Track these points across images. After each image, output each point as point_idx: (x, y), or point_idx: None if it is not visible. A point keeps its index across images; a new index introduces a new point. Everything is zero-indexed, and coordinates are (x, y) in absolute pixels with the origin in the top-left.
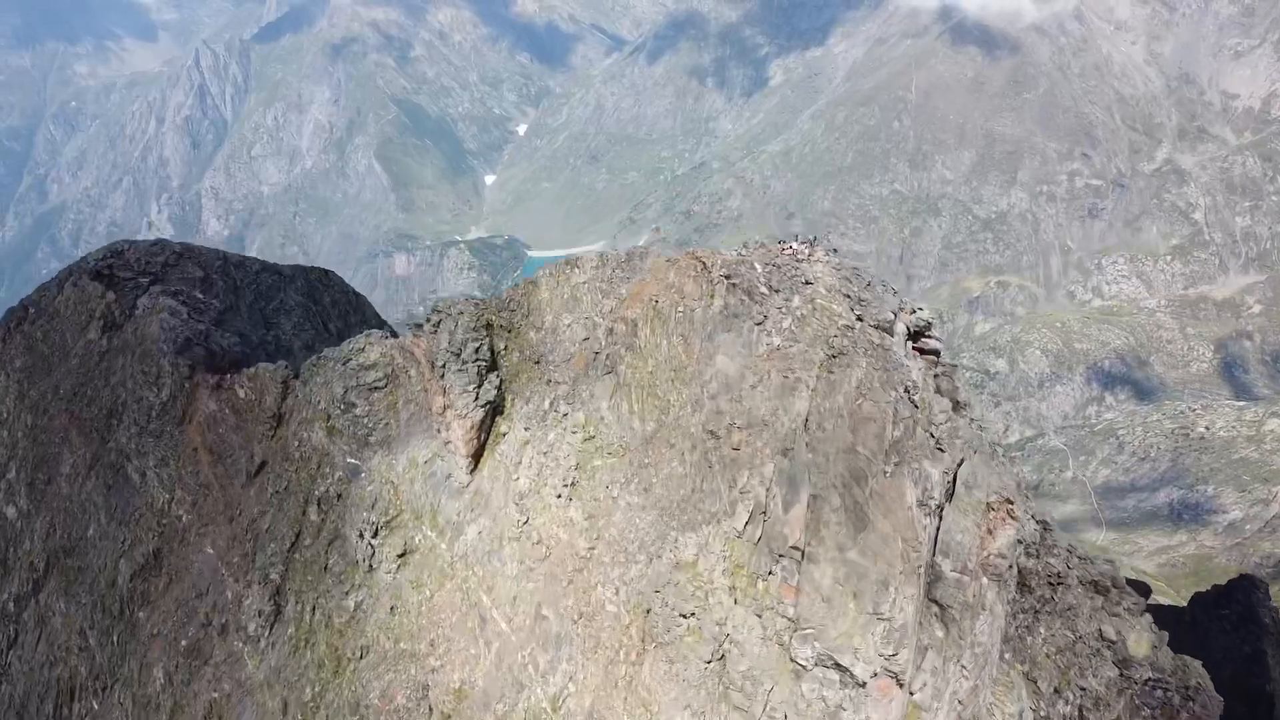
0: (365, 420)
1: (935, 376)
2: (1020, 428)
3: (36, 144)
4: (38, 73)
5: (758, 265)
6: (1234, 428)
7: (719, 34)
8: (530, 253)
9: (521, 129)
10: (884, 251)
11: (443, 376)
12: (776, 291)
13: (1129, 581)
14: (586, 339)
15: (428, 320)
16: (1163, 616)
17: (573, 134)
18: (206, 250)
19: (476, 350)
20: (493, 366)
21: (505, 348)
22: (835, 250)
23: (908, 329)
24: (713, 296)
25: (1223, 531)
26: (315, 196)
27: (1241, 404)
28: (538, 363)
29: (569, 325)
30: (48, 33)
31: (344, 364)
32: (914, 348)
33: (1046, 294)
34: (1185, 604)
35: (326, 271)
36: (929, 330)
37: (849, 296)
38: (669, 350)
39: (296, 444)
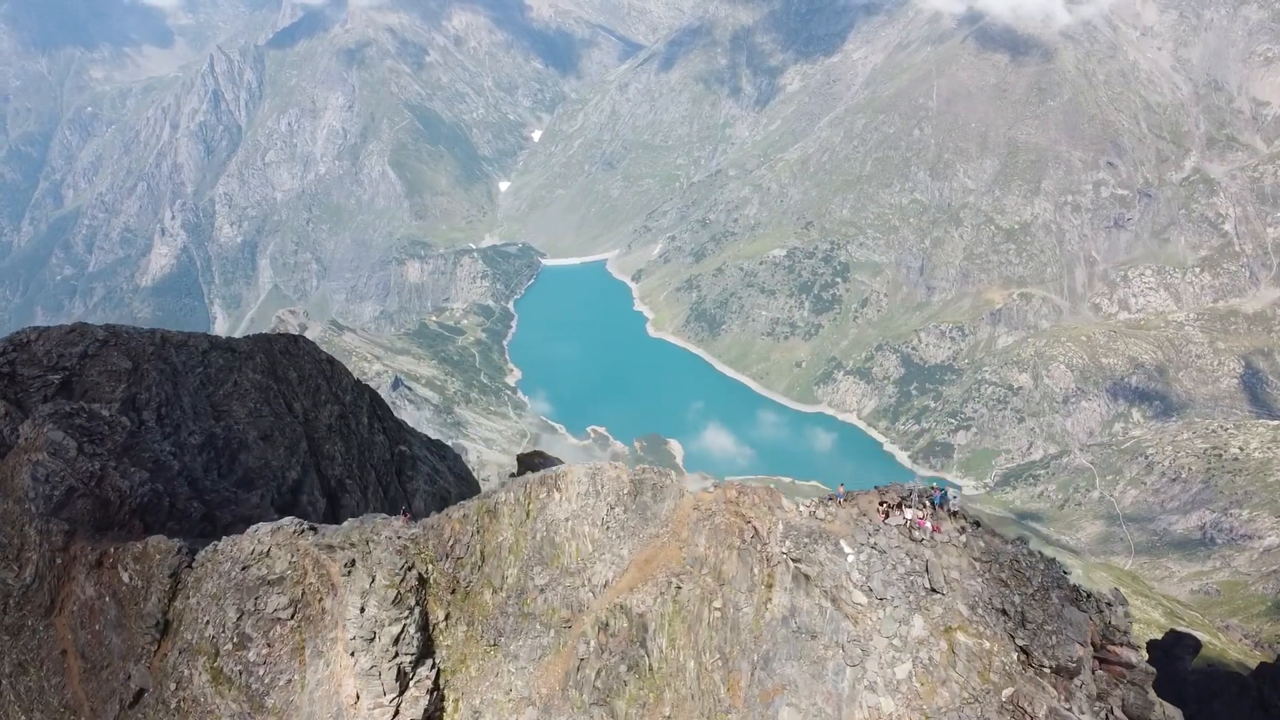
0: (260, 670)
1: (1122, 688)
2: (1044, 444)
3: (52, 149)
4: (54, 78)
5: (847, 549)
6: (1269, 448)
7: (735, 40)
8: (544, 260)
9: (536, 135)
10: (904, 262)
11: (353, 654)
12: (881, 600)
13: (1176, 633)
14: (569, 623)
15: (340, 548)
16: (1222, 685)
17: (588, 140)
18: (138, 333)
19: (398, 638)
20: (426, 650)
21: (447, 617)
22: (976, 522)
23: (1094, 643)
24: (770, 588)
25: (1259, 557)
26: (328, 203)
27: (1276, 423)
28: (494, 645)
29: (542, 591)
30: (65, 38)
31: (242, 570)
32: (1096, 656)
33: (1071, 306)
34: (1251, 673)
35: (296, 338)
36: (1125, 635)
37: (1006, 614)
38: (698, 678)
39: (175, 685)
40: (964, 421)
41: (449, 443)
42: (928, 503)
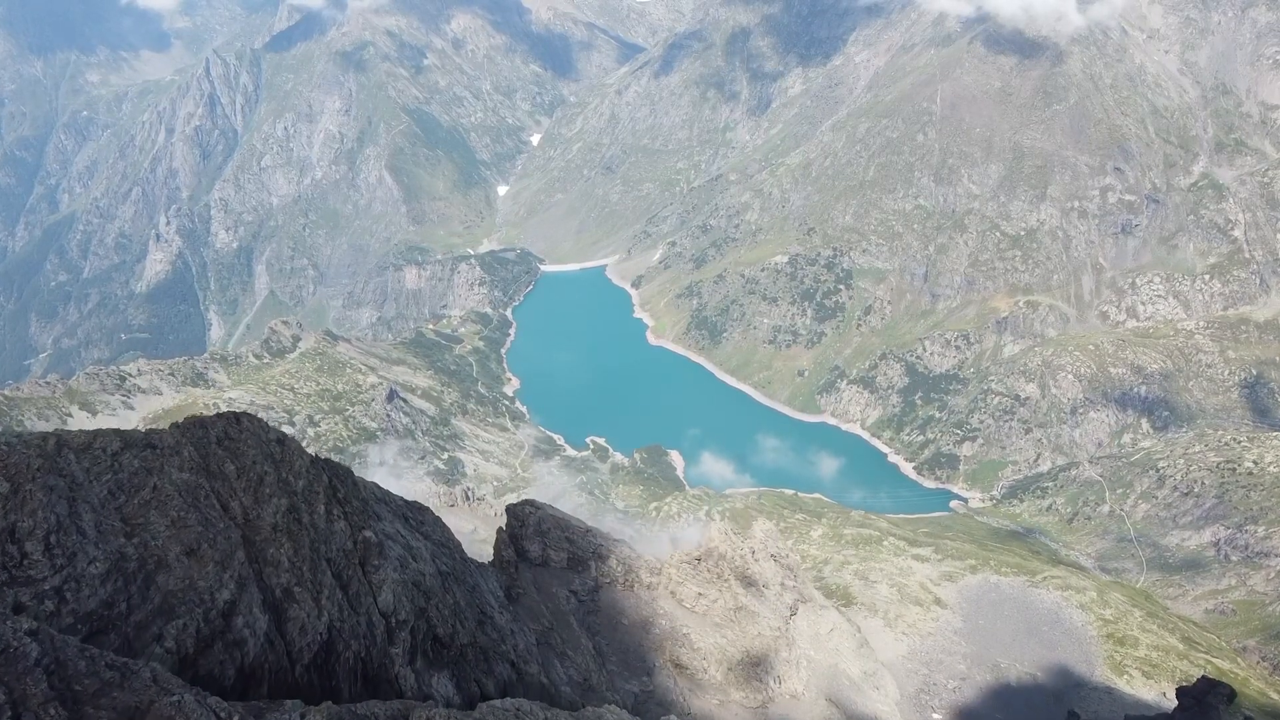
0: None
1: None
2: (1052, 456)
3: (47, 154)
4: (49, 82)
5: None
6: None
7: (735, 43)
8: (543, 266)
9: (535, 139)
10: (907, 269)
11: None
12: None
13: (1209, 680)
14: None
15: None
16: None
17: (587, 144)
18: (24, 444)
19: None
20: None
21: None
22: None
23: None
24: None
25: (1275, 576)
26: (325, 208)
27: None
28: None
29: None
30: (61, 42)
31: None
32: None
33: (1078, 314)
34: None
35: (238, 418)
36: None
37: None
38: None
39: None
40: (970, 432)
41: (445, 455)
42: None
